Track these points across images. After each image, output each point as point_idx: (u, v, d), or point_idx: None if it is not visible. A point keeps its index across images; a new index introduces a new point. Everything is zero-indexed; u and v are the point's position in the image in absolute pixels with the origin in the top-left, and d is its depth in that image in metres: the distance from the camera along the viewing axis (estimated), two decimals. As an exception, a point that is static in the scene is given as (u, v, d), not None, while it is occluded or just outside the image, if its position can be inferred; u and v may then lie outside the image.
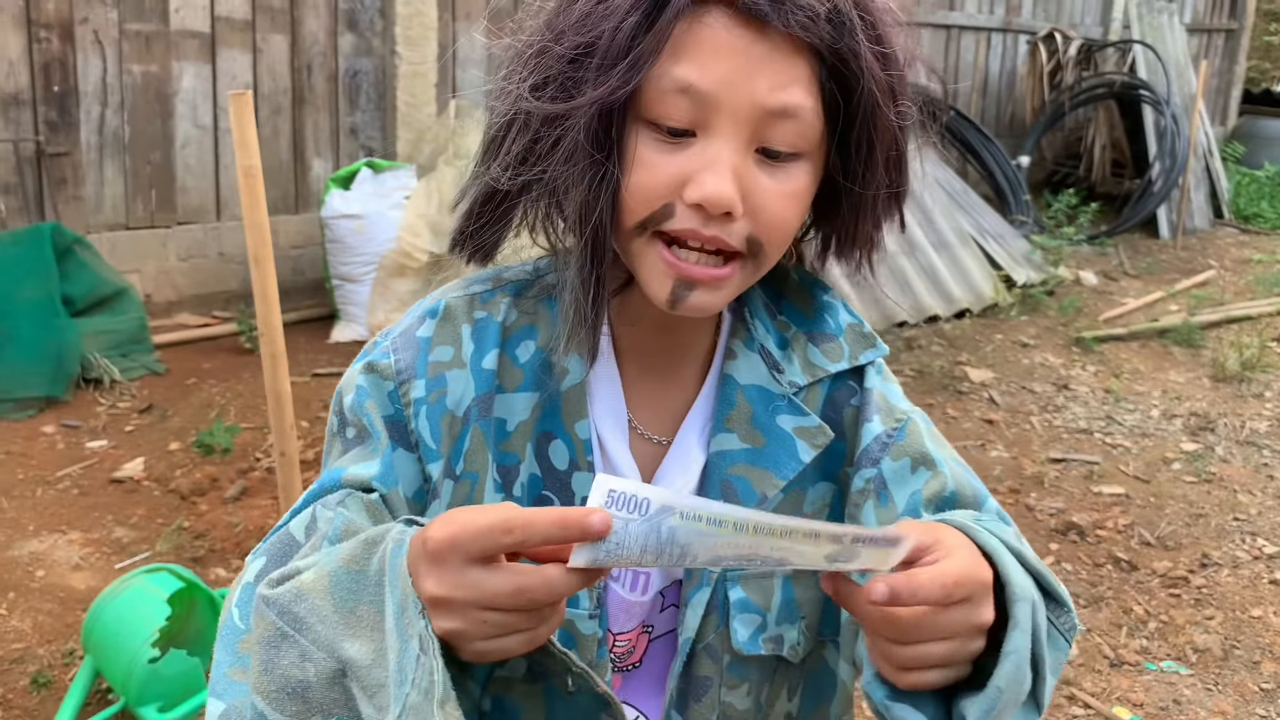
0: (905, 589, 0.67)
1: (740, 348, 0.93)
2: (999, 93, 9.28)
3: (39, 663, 2.74)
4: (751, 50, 0.76)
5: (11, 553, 3.24)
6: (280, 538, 0.83)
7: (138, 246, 5.11)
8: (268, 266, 1.90)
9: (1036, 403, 4.89)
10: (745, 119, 0.78)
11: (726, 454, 0.90)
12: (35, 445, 3.95)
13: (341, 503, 0.84)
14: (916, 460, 0.91)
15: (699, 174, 0.78)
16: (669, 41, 0.77)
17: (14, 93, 4.65)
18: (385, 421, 0.88)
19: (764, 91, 0.77)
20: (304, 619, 0.72)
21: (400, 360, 0.89)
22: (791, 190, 0.81)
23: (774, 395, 0.92)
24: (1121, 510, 3.85)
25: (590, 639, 0.87)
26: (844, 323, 0.97)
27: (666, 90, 0.77)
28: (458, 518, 0.67)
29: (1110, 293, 6.74)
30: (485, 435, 0.87)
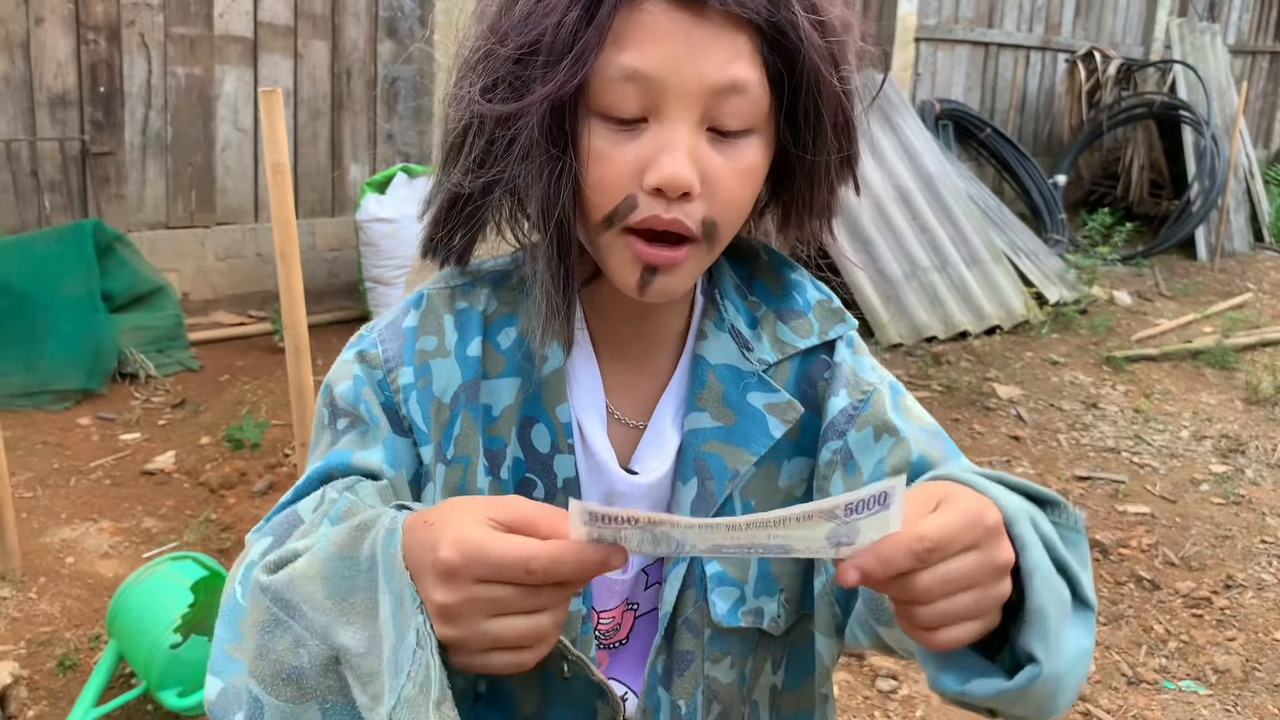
0: (874, 564, 0.67)
1: (711, 328, 0.95)
2: (1037, 111, 9.24)
3: (66, 646, 2.80)
4: (692, 32, 0.79)
5: (44, 539, 3.31)
6: (287, 517, 0.84)
7: (177, 245, 5.21)
8: (294, 262, 1.94)
9: (1064, 421, 4.86)
10: (694, 99, 0.80)
11: (699, 432, 0.92)
12: (71, 436, 4.03)
13: (351, 488, 0.85)
14: (879, 429, 0.92)
15: (656, 158, 0.80)
16: (610, 32, 0.79)
17: (61, 93, 4.76)
18: (382, 407, 0.90)
19: (709, 70, 0.79)
20: (297, 606, 0.73)
21: (387, 349, 0.91)
22: (745, 166, 0.84)
23: (744, 373, 0.94)
24: (1146, 530, 3.82)
25: (574, 616, 0.89)
26: (812, 299, 0.99)
27: (614, 79, 0.79)
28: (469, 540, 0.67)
29: (1144, 313, 6.69)
30: (474, 420, 0.90)
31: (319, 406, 0.94)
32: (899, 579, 0.68)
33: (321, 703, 0.72)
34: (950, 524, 0.68)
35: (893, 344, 5.65)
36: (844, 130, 0.87)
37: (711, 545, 0.66)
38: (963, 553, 0.68)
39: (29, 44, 4.65)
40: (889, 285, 5.85)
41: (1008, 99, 8.99)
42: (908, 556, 0.67)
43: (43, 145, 4.75)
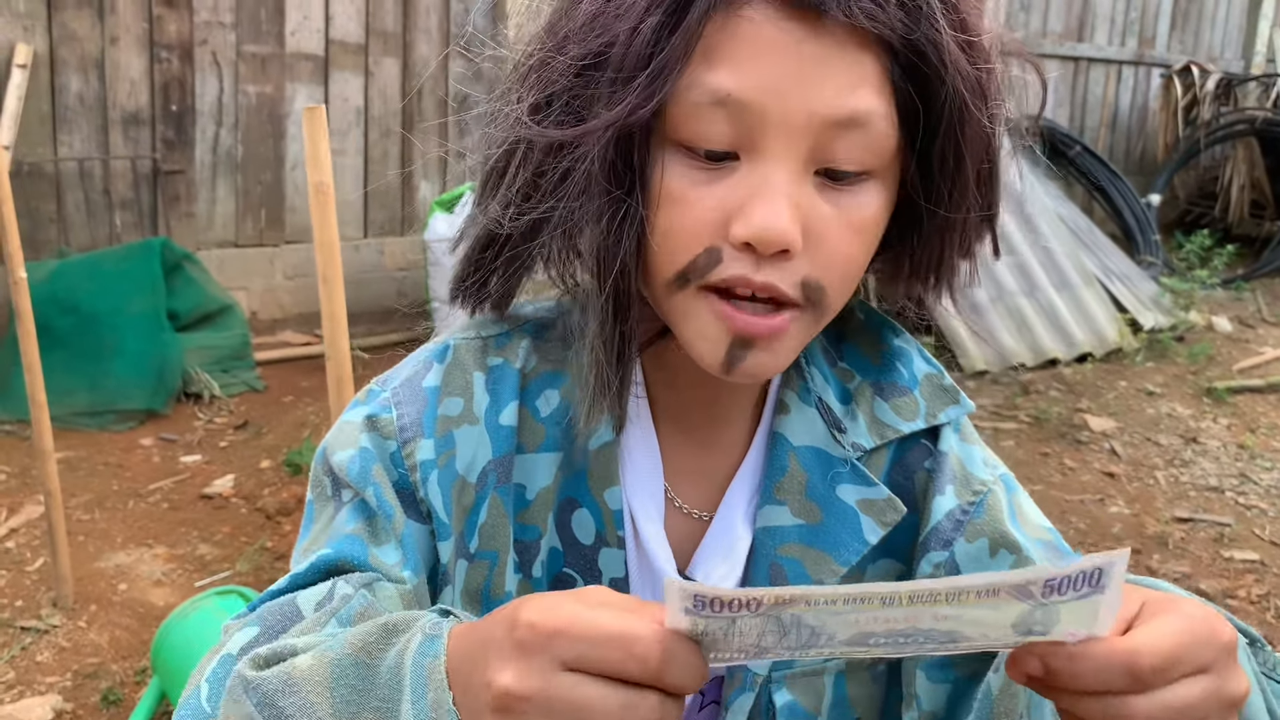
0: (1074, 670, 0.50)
1: (794, 400, 0.78)
2: (1129, 128, 8.90)
3: (111, 679, 2.72)
4: (804, 48, 0.61)
5: (99, 564, 3.26)
6: (281, 607, 0.69)
7: (246, 264, 5.19)
8: (336, 286, 1.83)
9: (1162, 456, 4.57)
10: (801, 133, 0.62)
11: (776, 530, 0.75)
12: (132, 457, 3.99)
13: (370, 586, 0.70)
14: (995, 542, 0.75)
15: (747, 205, 0.63)
16: (699, 43, 0.62)
17: (134, 111, 4.77)
18: (394, 489, 0.74)
19: (824, 97, 0.62)
20: (291, 717, 0.58)
21: (404, 415, 0.75)
22: (860, 220, 0.66)
23: (834, 459, 0.77)
24: (1256, 579, 3.54)
25: None
26: (920, 372, 0.81)
27: (700, 104, 0.63)
28: (570, 609, 0.51)
29: (1246, 340, 6.33)
30: (504, 505, 0.74)
31: (316, 473, 0.77)
32: (1103, 700, 0.51)
33: None
34: (1178, 636, 0.52)
35: (978, 371, 5.41)
36: (988, 180, 0.70)
37: (857, 634, 0.50)
38: (1192, 676, 0.52)
39: (103, 63, 4.66)
40: (974, 310, 5.61)
41: (1098, 116, 8.67)
42: (1123, 672, 0.50)
43: (115, 164, 4.76)
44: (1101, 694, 0.51)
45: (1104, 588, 0.50)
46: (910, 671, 0.76)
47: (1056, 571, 0.49)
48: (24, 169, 4.47)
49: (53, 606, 3.01)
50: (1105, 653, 0.50)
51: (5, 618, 2.96)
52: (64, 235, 4.68)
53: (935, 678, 0.74)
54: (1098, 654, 0.51)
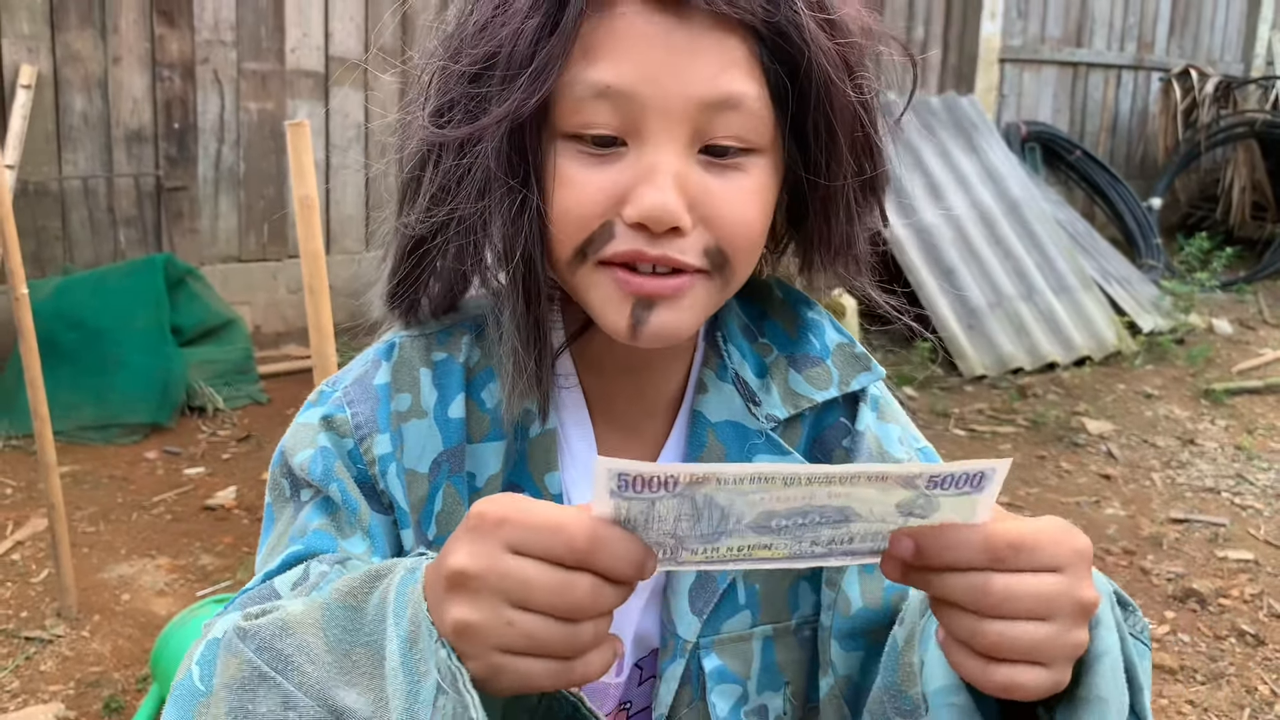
0: (939, 544, 0.56)
1: (711, 379, 0.82)
2: (1129, 132, 8.91)
3: (114, 687, 2.77)
4: (673, 37, 0.66)
5: (102, 575, 3.30)
6: (259, 593, 0.72)
7: (249, 279, 5.25)
8: (323, 298, 1.87)
9: (1159, 458, 4.59)
10: (679, 116, 0.67)
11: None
12: (137, 470, 4.04)
13: (342, 563, 0.73)
14: None
15: (636, 187, 0.68)
16: (578, 41, 0.67)
17: (137, 129, 4.84)
18: (357, 484, 0.77)
19: (696, 82, 0.67)
20: (290, 657, 0.61)
21: (358, 414, 0.78)
22: (748, 190, 0.70)
23: (750, 432, 0.81)
24: (1249, 578, 3.55)
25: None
26: (831, 342, 0.85)
27: (583, 97, 0.68)
28: (512, 499, 0.57)
29: (1246, 343, 6.34)
30: (459, 493, 0.78)
31: (274, 476, 0.80)
32: (965, 576, 0.56)
33: None
34: (1034, 530, 0.57)
35: (976, 376, 5.43)
36: (864, 149, 0.73)
37: (763, 513, 0.55)
38: (1047, 571, 0.57)
39: (106, 82, 4.73)
40: (972, 314, 5.63)
41: (1098, 120, 8.69)
42: (982, 549, 0.56)
43: (119, 181, 4.83)
44: (964, 570, 0.56)
45: (982, 488, 0.54)
46: (825, 641, 0.79)
47: (940, 469, 0.53)
48: (29, 188, 4.54)
49: (56, 617, 3.06)
50: (967, 530, 0.56)
51: (10, 628, 3.01)
52: (69, 252, 4.75)
53: (848, 646, 0.78)
54: (961, 531, 0.56)
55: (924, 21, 7.43)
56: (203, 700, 0.64)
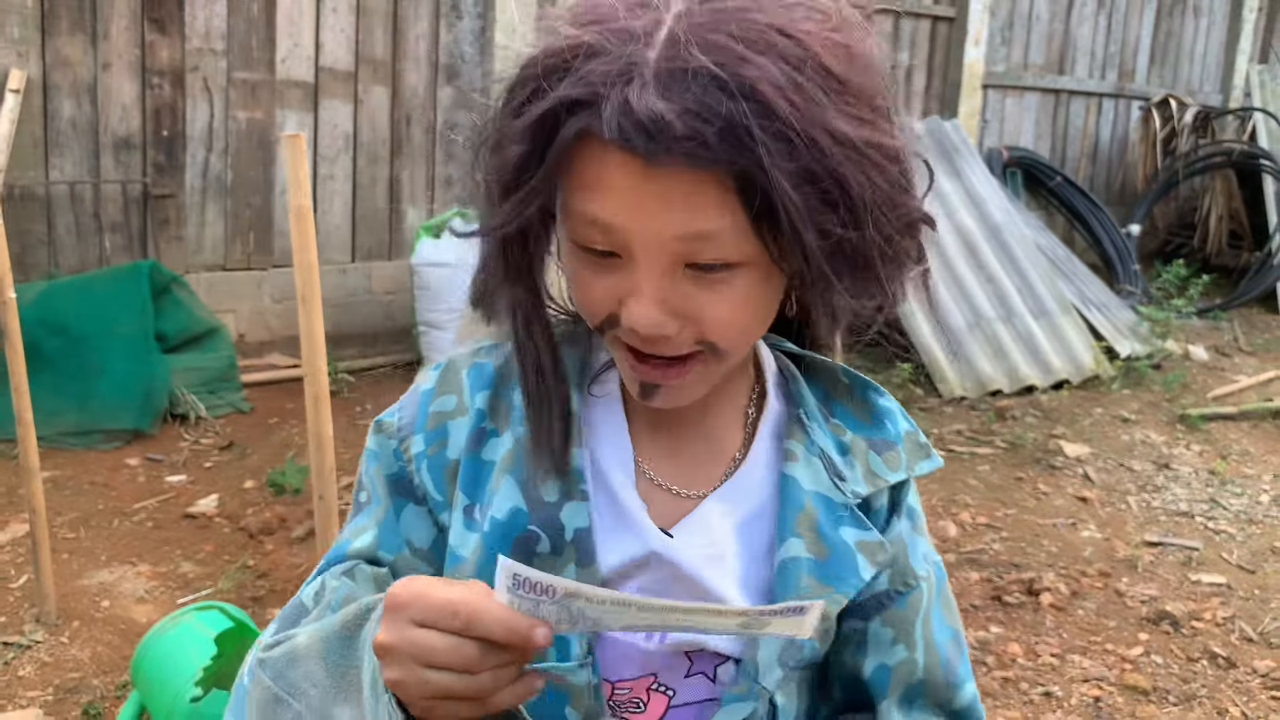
0: None
1: (800, 450, 0.88)
2: (1109, 160, 9.03)
3: (93, 693, 2.76)
4: (645, 186, 0.70)
5: (82, 581, 3.30)
6: (293, 605, 0.87)
7: (234, 287, 5.25)
8: (315, 307, 1.89)
9: (1135, 482, 4.65)
10: (660, 248, 0.72)
11: (795, 563, 0.85)
12: (118, 477, 4.04)
13: (348, 572, 0.87)
14: (899, 635, 0.89)
15: (626, 301, 0.75)
16: (572, 173, 0.73)
17: (126, 136, 4.84)
18: (389, 481, 0.89)
19: (669, 226, 0.71)
20: (298, 684, 0.77)
21: (403, 418, 0.90)
22: (737, 298, 0.75)
23: (836, 504, 0.87)
24: (1222, 601, 3.60)
25: (584, 689, 0.82)
26: (902, 430, 0.93)
27: (578, 220, 0.74)
28: (419, 584, 0.70)
29: (1221, 369, 6.43)
30: (464, 472, 0.86)
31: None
32: None
33: None
34: None
35: (955, 397, 5.48)
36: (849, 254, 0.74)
37: (625, 625, 0.70)
38: None
39: (96, 89, 4.74)
40: (952, 337, 5.69)
41: (1079, 147, 8.79)
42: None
43: (106, 187, 4.83)
44: None
45: (804, 614, 0.69)
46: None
47: (766, 608, 0.69)
48: (15, 192, 4.54)
49: (35, 622, 3.05)
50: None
51: (-12, 633, 3.00)
52: (54, 257, 4.74)
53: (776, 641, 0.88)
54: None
55: (909, 46, 7.51)
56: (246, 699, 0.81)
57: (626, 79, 0.68)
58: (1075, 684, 3.06)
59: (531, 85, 0.73)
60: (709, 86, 0.67)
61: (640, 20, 0.71)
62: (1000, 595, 3.51)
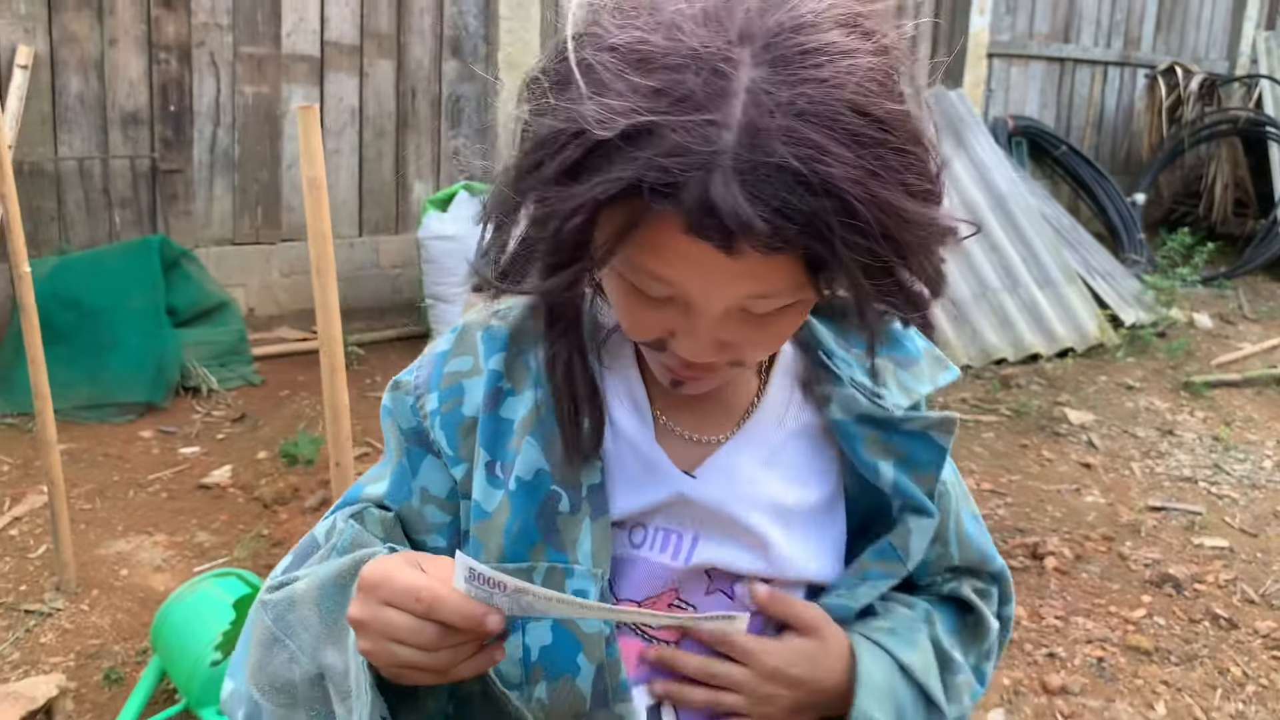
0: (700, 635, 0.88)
1: (831, 390, 0.93)
2: (1115, 128, 9.01)
3: (113, 659, 2.82)
4: (715, 262, 0.71)
5: (100, 551, 3.35)
6: (307, 539, 0.94)
7: (243, 261, 5.28)
8: (329, 278, 1.93)
9: (1138, 448, 4.68)
10: (720, 305, 0.76)
11: (899, 480, 0.92)
12: (132, 449, 4.09)
13: (357, 515, 0.93)
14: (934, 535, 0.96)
15: (679, 335, 0.78)
16: (635, 234, 0.71)
17: (133, 111, 4.86)
18: (406, 434, 0.94)
19: (735, 290, 0.74)
20: (293, 627, 0.83)
21: (419, 376, 0.94)
22: (780, 332, 0.81)
23: (881, 419, 0.92)
24: (1224, 564, 3.64)
25: (595, 638, 0.86)
26: (922, 346, 0.99)
27: (638, 271, 0.75)
28: (389, 567, 0.76)
29: (1226, 336, 6.45)
30: (483, 430, 0.90)
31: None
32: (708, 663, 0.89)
33: (309, 710, 0.83)
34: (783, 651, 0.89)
35: (960, 365, 5.50)
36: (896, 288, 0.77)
37: (569, 616, 0.81)
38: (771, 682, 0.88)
39: (103, 64, 4.75)
40: (957, 306, 5.71)
41: (1084, 116, 8.78)
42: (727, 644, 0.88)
43: (114, 163, 4.85)
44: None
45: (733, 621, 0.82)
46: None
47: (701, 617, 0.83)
48: (25, 168, 4.57)
49: (55, 591, 3.10)
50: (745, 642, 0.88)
51: (9, 601, 3.06)
52: (64, 233, 4.77)
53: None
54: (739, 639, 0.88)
55: (913, 15, 7.49)
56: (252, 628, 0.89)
57: (706, 168, 0.66)
58: (1079, 645, 3.11)
59: (585, 146, 0.69)
60: (791, 183, 0.66)
61: (708, 83, 0.68)
62: (1005, 560, 3.55)
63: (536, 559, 0.86)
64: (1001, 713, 2.79)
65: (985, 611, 1.01)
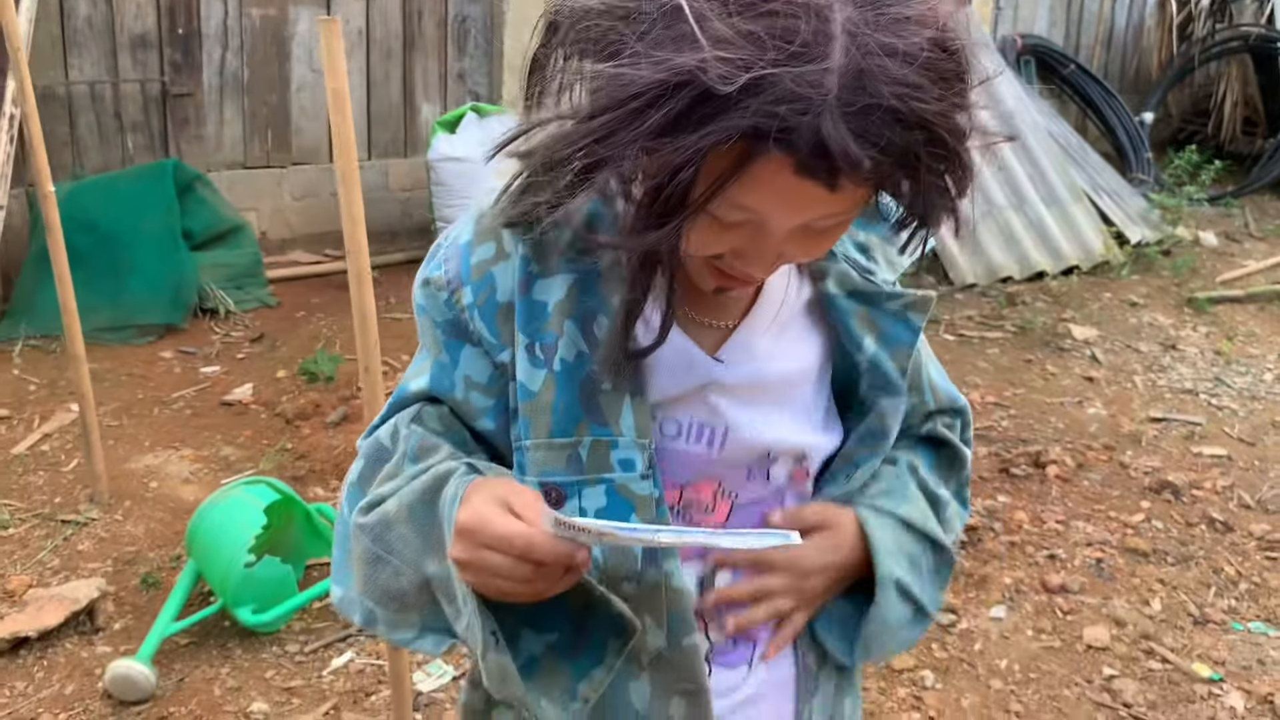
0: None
1: (827, 266, 1.01)
2: (1124, 46, 8.92)
3: (149, 565, 2.93)
4: (816, 193, 0.76)
5: (129, 465, 3.46)
6: (373, 444, 1.00)
7: (254, 185, 5.32)
8: (354, 183, 1.99)
9: (1141, 362, 4.76)
10: (793, 227, 0.82)
11: (876, 356, 1.00)
12: (154, 369, 4.18)
13: (416, 417, 0.98)
14: (910, 386, 1.05)
15: (746, 257, 0.84)
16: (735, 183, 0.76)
17: (141, 34, 4.87)
18: (442, 327, 0.97)
19: (814, 214, 0.81)
20: (393, 545, 0.92)
21: (449, 270, 0.97)
22: (829, 241, 0.88)
23: (872, 295, 1.01)
24: (1221, 472, 3.74)
25: (646, 499, 0.93)
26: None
27: (724, 204, 0.78)
28: (483, 513, 0.83)
29: (1231, 254, 6.48)
30: (519, 314, 0.94)
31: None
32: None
33: (420, 611, 0.92)
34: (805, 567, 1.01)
35: (966, 284, 5.57)
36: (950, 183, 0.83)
37: (649, 545, 0.91)
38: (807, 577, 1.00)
39: (110, -14, 4.75)
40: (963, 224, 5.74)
41: (1093, 33, 8.69)
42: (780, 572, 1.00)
43: (125, 87, 4.87)
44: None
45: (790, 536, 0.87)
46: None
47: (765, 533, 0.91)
48: (37, 92, 4.57)
49: (89, 502, 3.21)
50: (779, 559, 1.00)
51: (46, 512, 3.17)
52: (78, 158, 4.81)
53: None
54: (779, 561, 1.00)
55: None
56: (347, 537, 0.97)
57: (815, 112, 0.71)
58: (1079, 547, 3.21)
59: (694, 96, 0.71)
60: (890, 120, 0.72)
61: (812, 28, 0.71)
62: (1008, 468, 3.65)
63: (581, 434, 0.92)
64: (1003, 609, 2.91)
65: (958, 444, 1.12)
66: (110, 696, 2.43)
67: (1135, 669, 2.70)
